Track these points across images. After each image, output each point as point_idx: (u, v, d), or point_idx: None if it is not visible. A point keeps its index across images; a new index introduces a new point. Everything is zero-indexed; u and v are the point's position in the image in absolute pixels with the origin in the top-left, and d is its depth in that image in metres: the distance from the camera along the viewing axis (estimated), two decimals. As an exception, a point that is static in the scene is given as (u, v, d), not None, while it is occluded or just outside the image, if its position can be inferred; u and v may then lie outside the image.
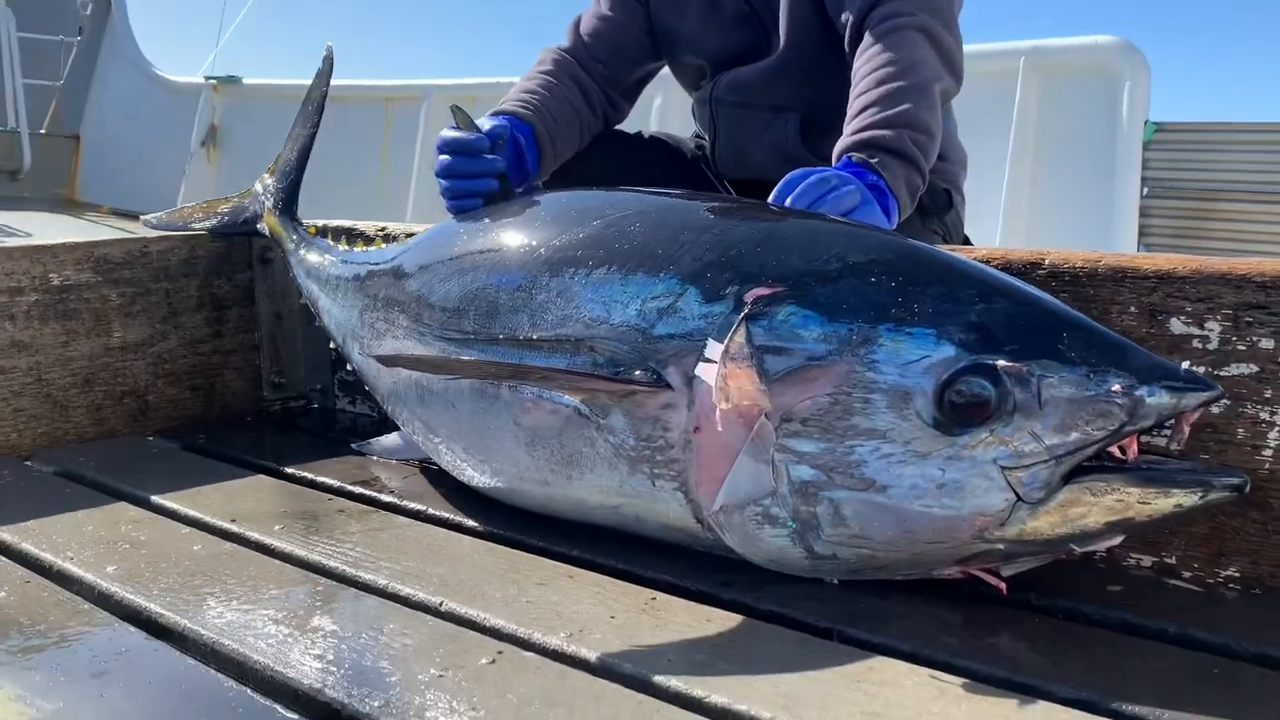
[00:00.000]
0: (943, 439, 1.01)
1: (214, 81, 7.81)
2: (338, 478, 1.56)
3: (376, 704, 0.88)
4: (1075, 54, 4.24)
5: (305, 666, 0.95)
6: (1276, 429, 1.09)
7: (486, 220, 1.44)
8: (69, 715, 0.88)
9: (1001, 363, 0.99)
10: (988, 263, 1.17)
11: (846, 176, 1.33)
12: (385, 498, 1.48)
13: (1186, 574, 1.15)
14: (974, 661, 0.96)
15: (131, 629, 1.06)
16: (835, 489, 1.05)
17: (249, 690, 0.93)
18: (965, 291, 1.05)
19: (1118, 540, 1.03)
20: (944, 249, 1.16)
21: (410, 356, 1.35)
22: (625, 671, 0.94)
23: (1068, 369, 0.98)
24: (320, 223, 1.95)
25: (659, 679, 0.92)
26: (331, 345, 1.77)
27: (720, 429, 1.09)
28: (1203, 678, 0.93)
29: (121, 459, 1.70)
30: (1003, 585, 1.07)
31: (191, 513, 1.41)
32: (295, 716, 0.88)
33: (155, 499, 1.47)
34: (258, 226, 1.92)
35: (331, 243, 1.80)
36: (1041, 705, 0.87)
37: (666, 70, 2.02)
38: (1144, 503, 0.97)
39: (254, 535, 1.32)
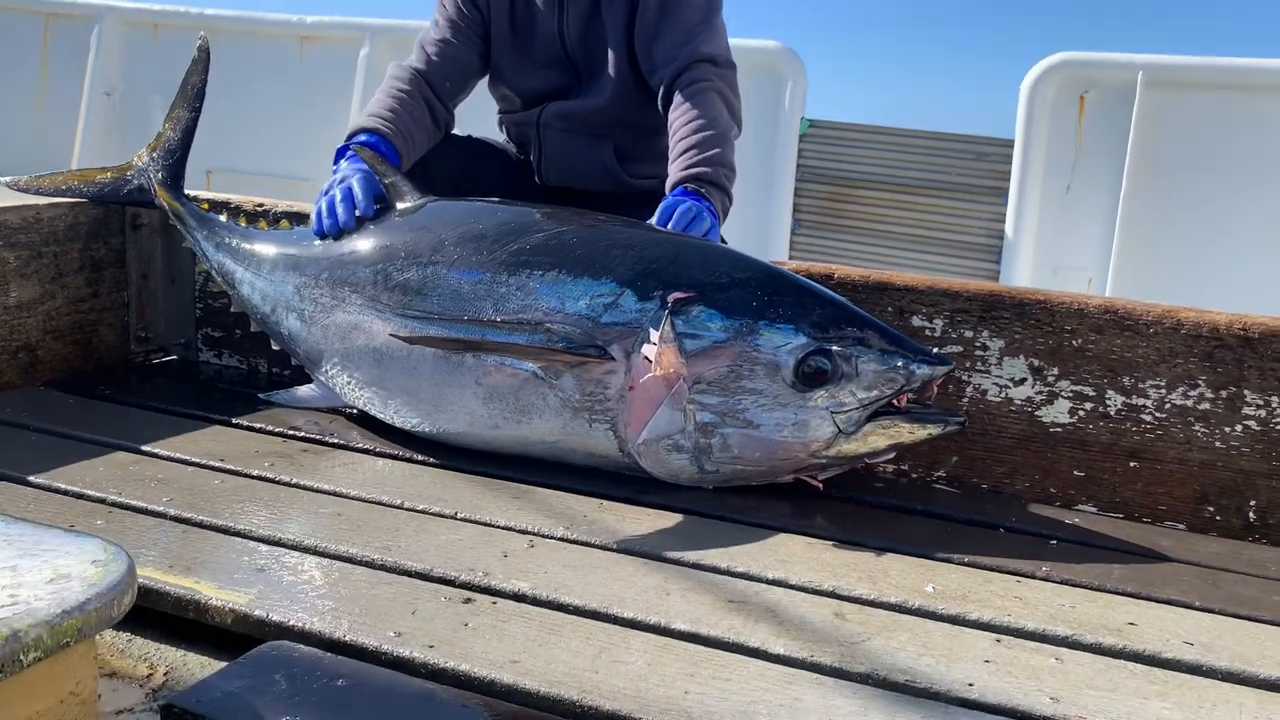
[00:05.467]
0: (798, 395, 1.60)
1: None
2: (275, 424, 1.89)
3: (480, 574, 1.33)
4: (745, 54, 4.99)
5: (404, 553, 1.37)
6: (971, 386, 1.79)
7: (430, 219, 1.84)
8: (268, 596, 1.25)
9: (834, 348, 1.60)
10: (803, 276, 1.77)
11: (700, 206, 1.87)
12: (331, 440, 1.84)
13: (915, 475, 1.83)
14: (814, 530, 1.56)
15: (243, 540, 1.41)
16: (726, 427, 1.62)
17: (378, 573, 1.34)
18: (808, 299, 1.64)
19: (892, 456, 1.67)
20: (782, 266, 1.74)
21: (432, 336, 1.71)
22: (624, 548, 1.45)
23: (873, 352, 1.60)
24: (198, 194, 2.19)
25: (648, 549, 1.44)
26: (215, 304, 2.05)
27: (650, 387, 1.61)
28: (945, 533, 1.60)
29: (49, 407, 1.90)
30: (820, 485, 1.69)
31: (176, 455, 1.71)
32: (419, 580, 1.30)
33: (143, 446, 1.73)
34: (151, 200, 2.13)
35: (227, 218, 2.07)
36: (869, 551, 1.49)
37: None
38: (911, 433, 1.62)
39: (254, 471, 1.66)
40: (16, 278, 2.02)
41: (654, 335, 1.61)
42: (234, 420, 1.90)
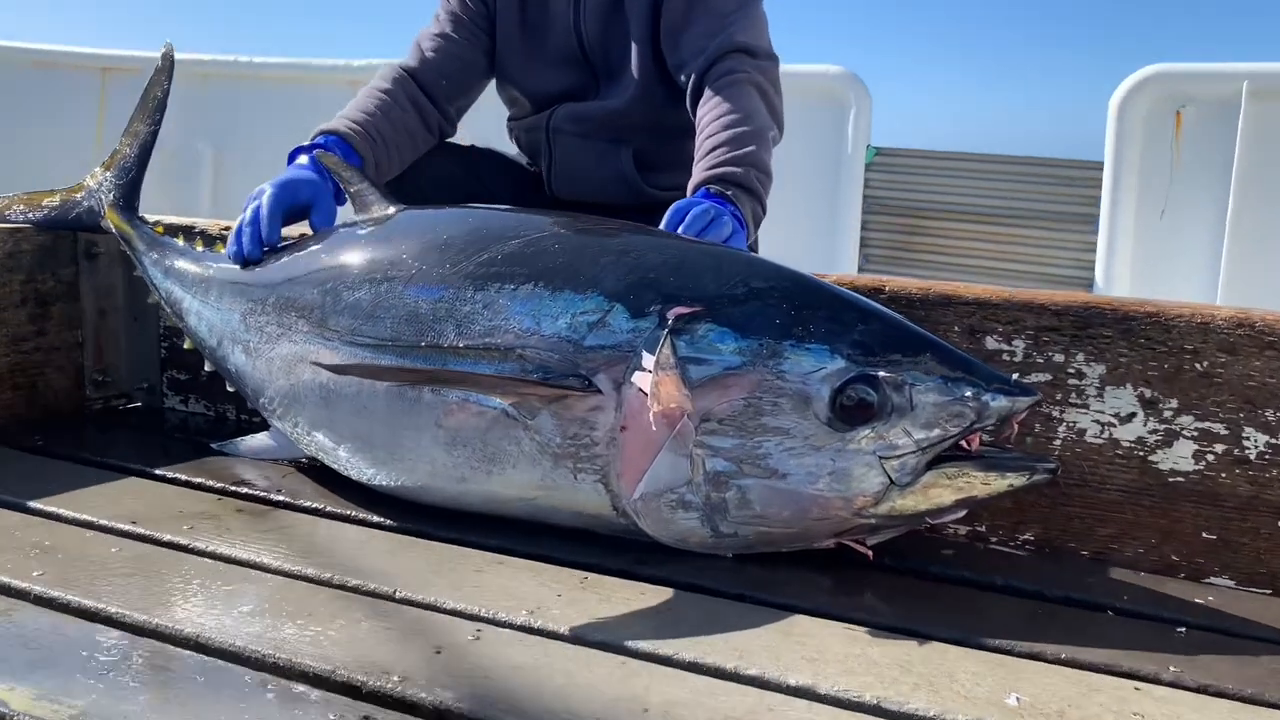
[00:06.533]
0: (835, 435, 1.24)
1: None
2: (216, 478, 1.58)
3: (396, 679, 0.99)
4: (807, 80, 4.70)
5: (310, 652, 1.04)
6: (1064, 424, 1.40)
7: (391, 230, 1.53)
8: (100, 711, 0.93)
9: (882, 374, 1.23)
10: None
11: (722, 209, 1.54)
12: (276, 496, 1.53)
13: (994, 539, 1.45)
14: (858, 613, 1.19)
15: (101, 628, 1.09)
16: (744, 477, 1.26)
17: (254, 673, 1.00)
18: (848, 314, 1.29)
19: (962, 514, 1.30)
20: (814, 276, 1.39)
21: (361, 365, 1.41)
22: (596, 639, 1.10)
23: (932, 379, 1.24)
24: (156, 218, 1.93)
25: (629, 643, 1.09)
26: (186, 345, 1.77)
27: (647, 428, 1.27)
28: (1034, 617, 1.21)
29: (-41, 463, 1.63)
30: (869, 553, 1.32)
31: (81, 516, 1.41)
32: (318, 692, 0.97)
33: (32, 504, 1.44)
34: (99, 223, 1.87)
35: (184, 242, 1.79)
36: (932, 644, 1.11)
37: None
38: (986, 484, 1.24)
39: (166, 536, 1.35)
40: (-60, 312, 1.76)
41: (648, 360, 1.26)
42: (170, 475, 1.60)
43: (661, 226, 1.50)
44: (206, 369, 1.76)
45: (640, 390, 1.26)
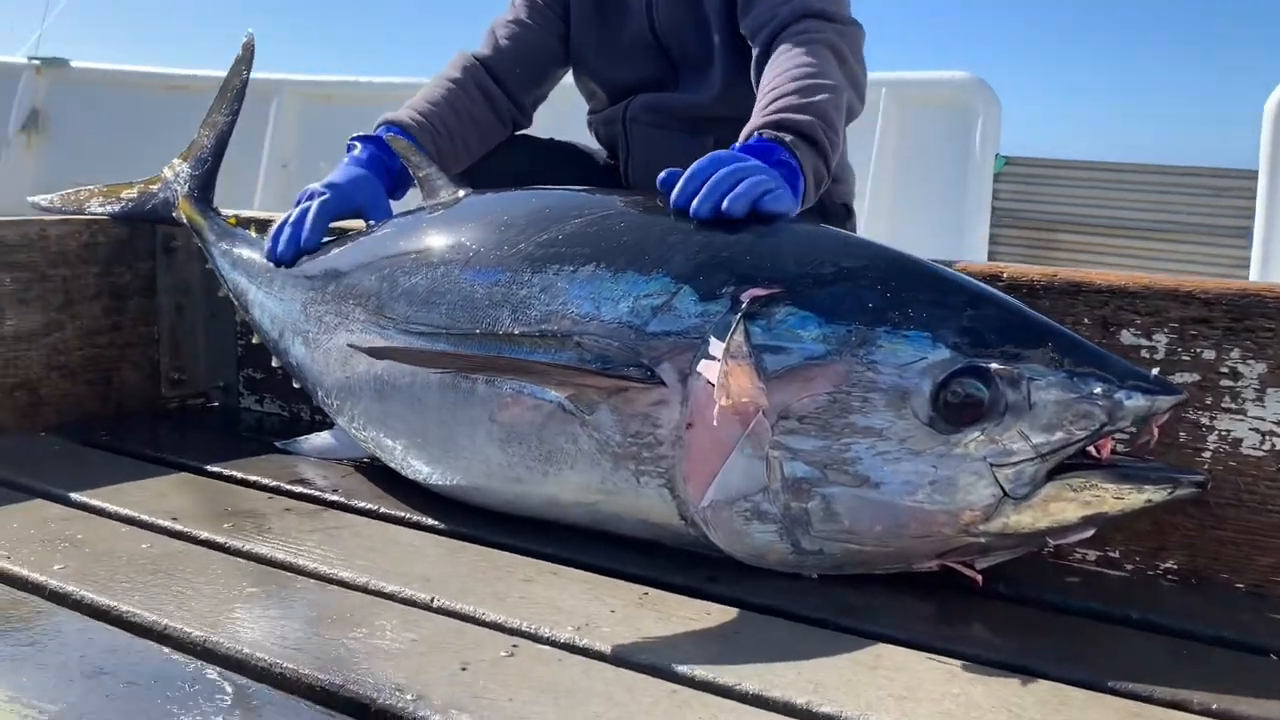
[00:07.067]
0: (937, 437, 1.06)
1: (37, 62, 7.30)
2: (271, 476, 1.50)
3: (410, 697, 0.86)
4: (932, 87, 4.48)
5: (320, 663, 0.92)
6: (1215, 433, 1.19)
7: (452, 214, 1.42)
8: (73, 715, 0.82)
9: (995, 365, 1.05)
10: (955, 273, 1.23)
11: (759, 165, 1.28)
12: (330, 496, 1.43)
13: (1129, 566, 1.24)
14: (963, 645, 1.01)
15: (107, 627, 0.99)
16: (829, 485, 1.09)
17: (267, 689, 0.89)
18: (955, 298, 1.11)
19: (1089, 534, 1.10)
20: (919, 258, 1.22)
21: (404, 349, 1.30)
22: (645, 662, 0.95)
23: (1054, 373, 1.05)
24: (235, 213, 1.87)
25: (682, 669, 0.93)
26: (255, 340, 1.69)
27: (716, 425, 1.11)
28: (1178, 658, 1.01)
29: (19, 455, 1.58)
30: (979, 577, 1.13)
31: (122, 510, 1.33)
32: (320, 710, 0.85)
33: (76, 496, 1.37)
34: (172, 215, 1.82)
35: (255, 234, 1.72)
36: (1046, 684, 0.92)
37: None
38: (1118, 498, 1.05)
39: (203, 534, 1.26)
40: (14, 304, 1.73)
41: (717, 348, 1.11)
42: (226, 472, 1.52)
43: (675, 194, 1.25)
44: (274, 364, 1.68)
45: (708, 382, 1.11)
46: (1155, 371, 1.11)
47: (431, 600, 1.08)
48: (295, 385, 1.65)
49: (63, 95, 7.23)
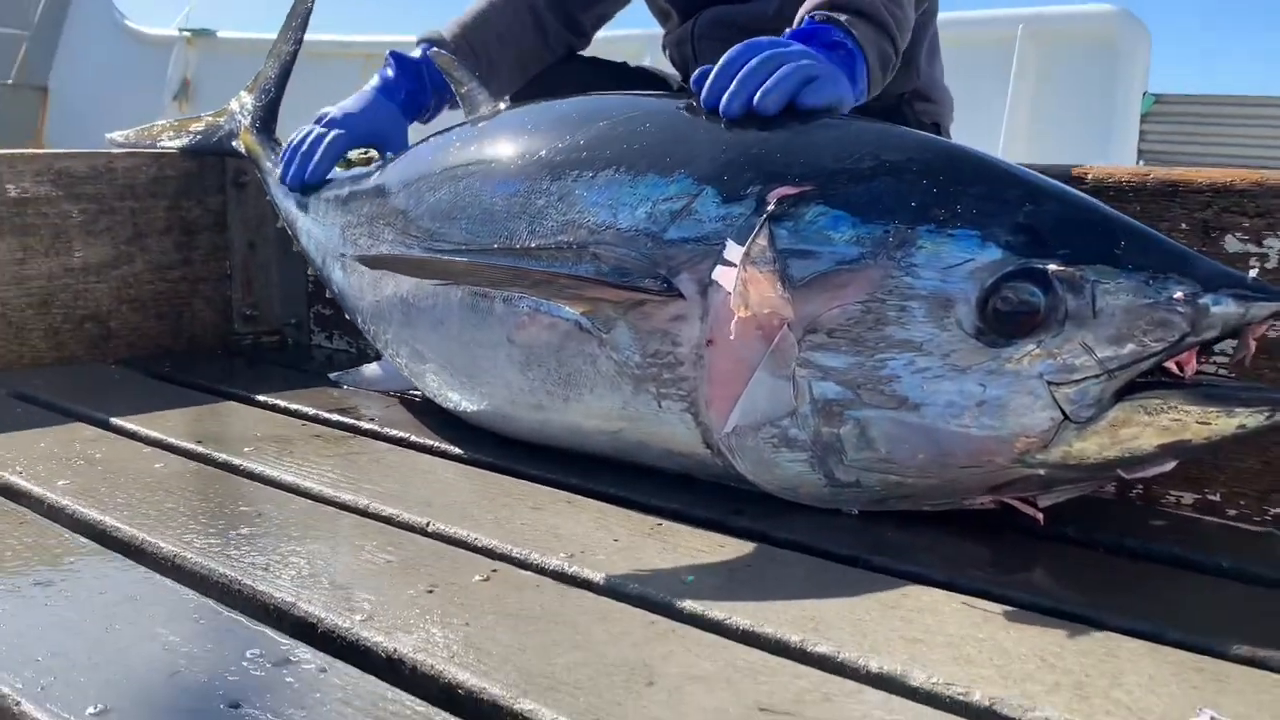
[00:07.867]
0: (985, 351, 0.92)
1: (188, 34, 7.60)
2: (313, 405, 1.46)
3: (358, 618, 0.79)
4: (1074, 22, 4.17)
5: (278, 581, 0.86)
6: (1338, 354, 1.01)
7: (483, 128, 1.34)
8: (7, 620, 0.78)
9: (1053, 267, 0.90)
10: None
11: (802, 50, 1.12)
12: (365, 425, 1.37)
13: (1232, 512, 1.07)
14: (1014, 590, 0.87)
15: (83, 540, 0.96)
16: (863, 407, 0.96)
17: (211, 602, 0.83)
18: (1011, 192, 0.96)
19: (1169, 466, 0.94)
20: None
21: (395, 255, 1.25)
22: (632, 592, 0.85)
23: (1125, 275, 0.90)
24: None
25: (672, 600, 0.83)
26: (310, 274, 1.66)
27: (736, 341, 1.00)
28: (1266, 613, 0.84)
29: (80, 383, 1.59)
30: (1040, 515, 0.99)
31: (153, 434, 1.31)
32: (266, 629, 0.78)
33: (115, 420, 1.36)
34: (233, 145, 1.81)
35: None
36: (1099, 634, 0.78)
37: None
38: (1203, 422, 0.88)
39: (221, 456, 1.22)
40: (82, 235, 1.74)
41: (734, 252, 0.99)
42: (271, 401, 1.49)
43: (708, 84, 1.11)
44: (327, 295, 1.64)
45: (729, 293, 0.99)
46: (1253, 274, 0.93)
47: (427, 525, 1.00)
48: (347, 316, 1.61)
49: (210, 65, 7.51)
